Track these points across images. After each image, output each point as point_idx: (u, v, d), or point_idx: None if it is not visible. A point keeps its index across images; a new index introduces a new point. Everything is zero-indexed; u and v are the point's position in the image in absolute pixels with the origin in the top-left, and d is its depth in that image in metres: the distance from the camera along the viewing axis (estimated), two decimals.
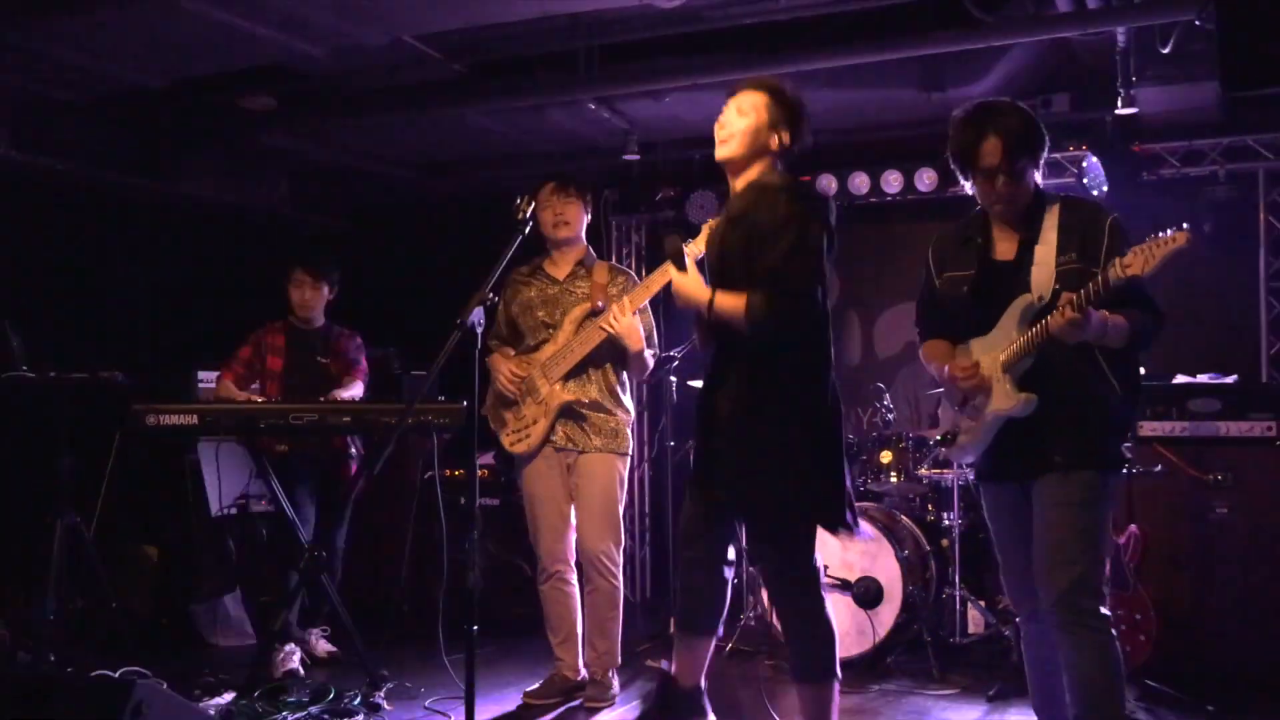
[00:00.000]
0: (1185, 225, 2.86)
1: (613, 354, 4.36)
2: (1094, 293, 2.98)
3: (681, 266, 3.37)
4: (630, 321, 4.15)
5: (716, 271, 3.40)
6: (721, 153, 3.38)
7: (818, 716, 3.37)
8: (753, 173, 3.38)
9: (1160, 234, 2.88)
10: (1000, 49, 5.29)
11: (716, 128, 3.39)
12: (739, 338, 3.27)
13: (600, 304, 4.31)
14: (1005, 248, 3.29)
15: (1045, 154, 3.29)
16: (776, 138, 3.37)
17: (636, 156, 6.52)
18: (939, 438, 5.21)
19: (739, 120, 3.35)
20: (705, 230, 3.65)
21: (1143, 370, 3.40)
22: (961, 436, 3.36)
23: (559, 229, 4.43)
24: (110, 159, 6.41)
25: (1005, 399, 3.18)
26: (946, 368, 3.31)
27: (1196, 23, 4.52)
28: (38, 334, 4.80)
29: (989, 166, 3.17)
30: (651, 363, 4.50)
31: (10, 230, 6.40)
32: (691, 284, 3.35)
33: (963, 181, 3.32)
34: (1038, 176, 3.29)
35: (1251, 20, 1.68)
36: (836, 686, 3.38)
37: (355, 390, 5.16)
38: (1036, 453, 3.17)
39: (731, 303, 3.24)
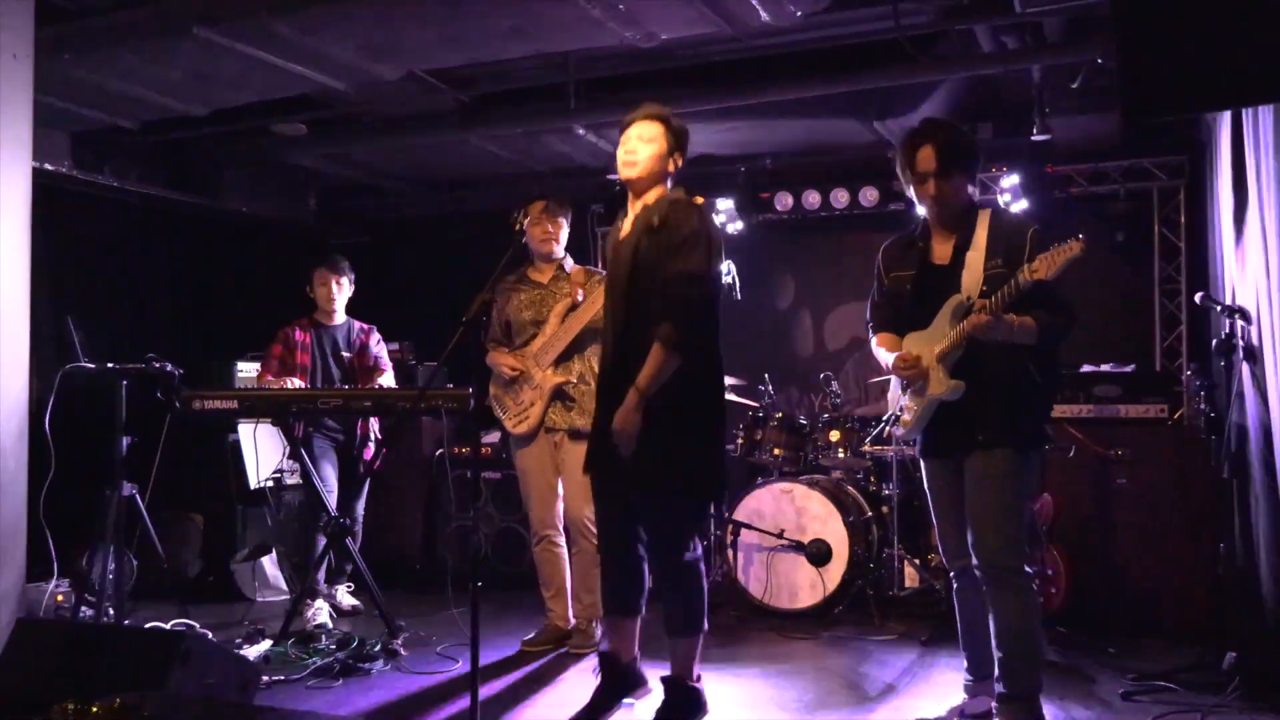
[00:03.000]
0: (1081, 236, 2.90)
1: (593, 340, 4.38)
2: (1007, 296, 3.02)
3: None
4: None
5: (629, 272, 3.32)
6: (629, 173, 3.36)
7: (687, 662, 3.39)
8: (655, 191, 3.38)
9: (1061, 244, 2.92)
10: (933, 83, 5.31)
11: (624, 153, 3.35)
12: (647, 333, 3.22)
13: (580, 297, 4.35)
14: (942, 252, 3.32)
15: (977, 167, 3.32)
16: (672, 161, 3.39)
17: (619, 175, 6.51)
18: (887, 417, 5.26)
19: (645, 147, 3.34)
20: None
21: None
22: (905, 416, 3.39)
23: (545, 244, 4.45)
24: (159, 178, 6.37)
25: (938, 385, 3.21)
26: (894, 358, 3.33)
27: (1100, 61, 4.57)
28: (97, 330, 4.78)
29: (924, 171, 3.22)
30: None
31: (73, 240, 6.37)
32: (625, 418, 3.20)
33: (905, 188, 3.35)
34: (973, 191, 3.32)
35: (1148, 60, 1.71)
36: (701, 637, 3.41)
37: (390, 380, 5.27)
38: (966, 433, 3.20)
39: (653, 368, 3.17)
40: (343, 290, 5.25)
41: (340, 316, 5.30)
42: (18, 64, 3.54)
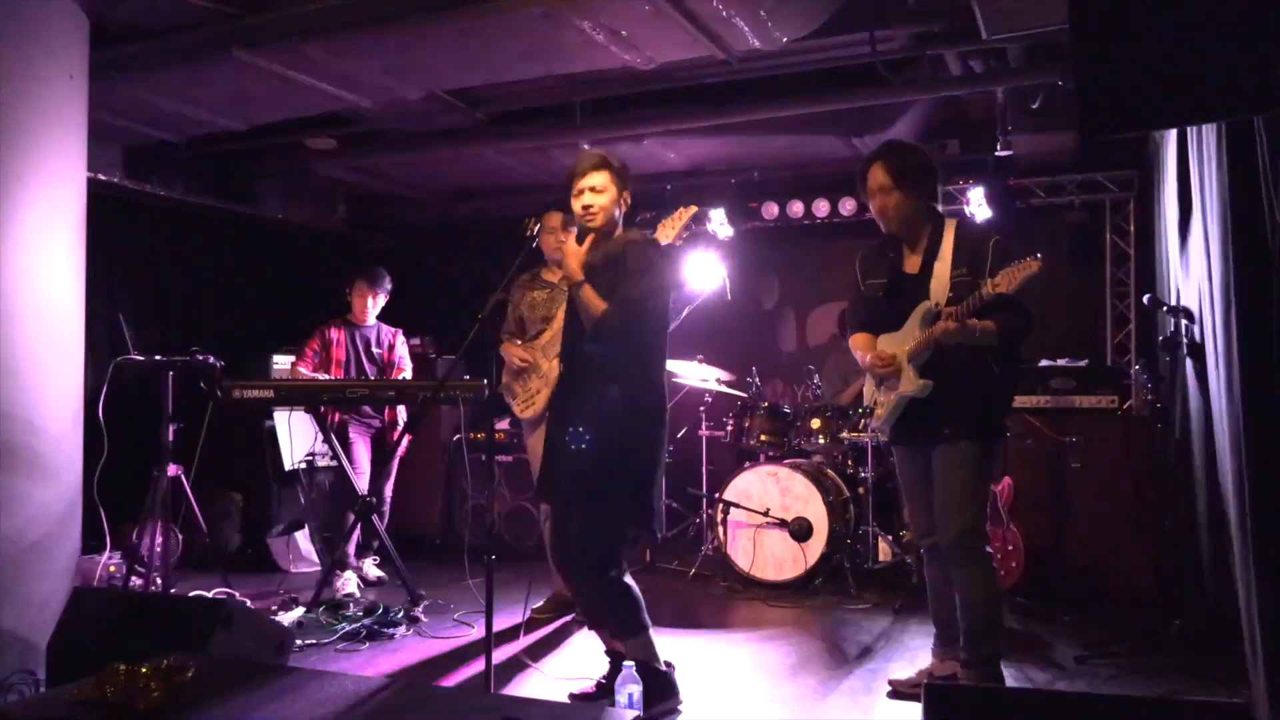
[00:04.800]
0: (1039, 255, 2.91)
1: None
2: (972, 305, 3.02)
3: (580, 242, 3.22)
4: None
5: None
6: (592, 225, 3.19)
7: (646, 657, 3.15)
8: (614, 231, 3.25)
9: (1021, 261, 2.93)
10: (905, 103, 5.31)
11: (580, 208, 3.20)
12: (590, 358, 3.13)
13: None
14: (913, 261, 3.31)
15: (933, 184, 3.29)
16: (623, 201, 3.26)
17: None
18: (862, 409, 5.27)
19: (599, 198, 3.18)
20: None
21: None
22: (878, 410, 3.39)
23: (558, 251, 4.42)
24: (202, 187, 6.36)
25: (909, 383, 3.21)
26: (869, 356, 3.33)
27: (1059, 83, 4.56)
28: (146, 326, 4.78)
29: (873, 188, 3.22)
30: None
31: (123, 243, 6.36)
32: (579, 258, 3.16)
33: (864, 200, 3.35)
34: (938, 206, 3.32)
35: (1103, 81, 1.71)
36: (650, 633, 3.19)
37: (406, 375, 5.29)
38: (933, 426, 3.20)
39: (594, 301, 3.09)
40: (377, 304, 5.30)
41: (372, 319, 5.32)
42: (74, 84, 3.53)
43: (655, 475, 3.16)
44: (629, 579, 3.18)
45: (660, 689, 3.16)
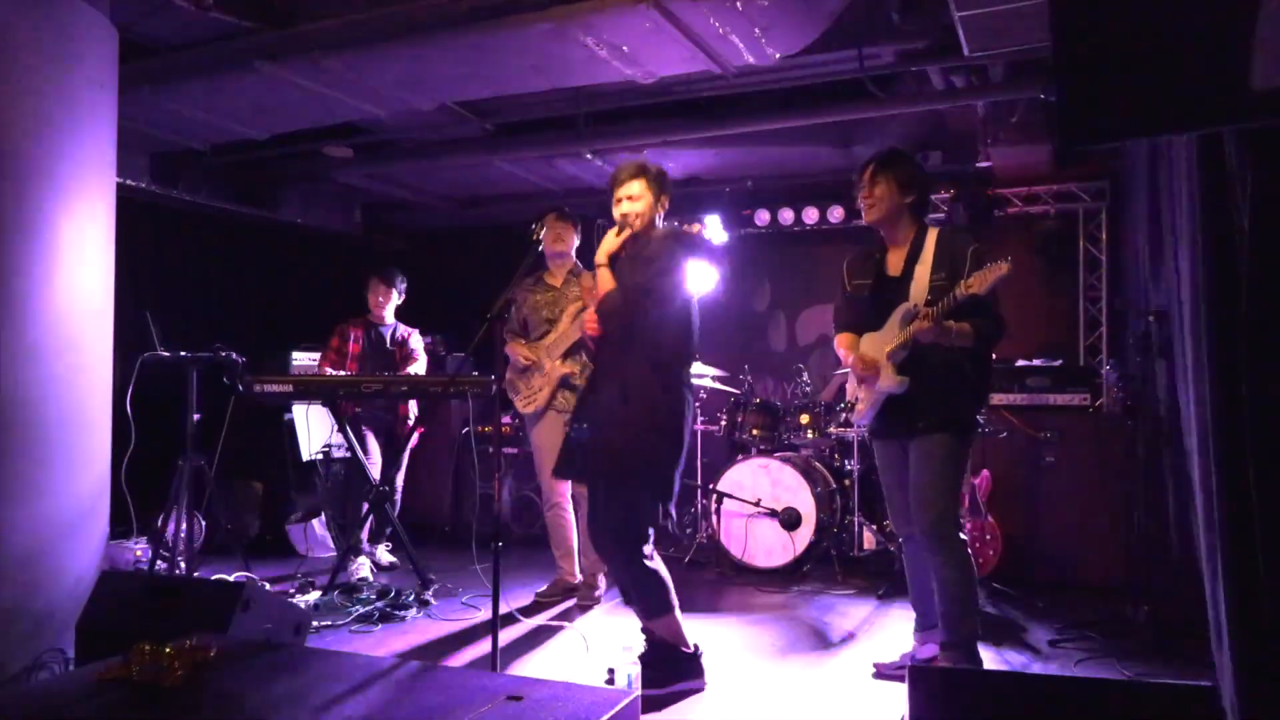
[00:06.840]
0: (1009, 257, 2.91)
1: None
2: (947, 306, 3.01)
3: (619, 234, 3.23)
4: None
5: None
6: (629, 229, 3.20)
7: (673, 637, 3.18)
8: (650, 231, 3.24)
9: (993, 263, 2.93)
10: (891, 117, 5.29)
11: (619, 215, 3.21)
12: (618, 345, 3.12)
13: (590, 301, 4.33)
14: (895, 264, 3.31)
15: (923, 194, 3.30)
16: (660, 205, 3.25)
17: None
18: (844, 405, 5.27)
19: (635, 205, 3.20)
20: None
21: (994, 355, 3.43)
22: (859, 404, 3.38)
23: (556, 244, 4.44)
24: (225, 193, 6.34)
25: (888, 380, 3.20)
26: (851, 357, 3.33)
27: (1041, 97, 4.55)
28: (172, 323, 4.75)
29: (862, 180, 3.28)
30: None
31: (151, 245, 6.34)
32: (606, 244, 3.21)
33: (858, 194, 3.35)
34: (925, 215, 3.33)
35: (1081, 94, 1.71)
36: (675, 614, 3.17)
37: (419, 369, 5.25)
38: (909, 420, 3.20)
39: (604, 282, 3.16)
40: (391, 300, 5.28)
41: (389, 319, 5.31)
42: (103, 94, 3.51)
43: (675, 460, 3.08)
44: (656, 563, 3.14)
45: (684, 669, 3.17)
